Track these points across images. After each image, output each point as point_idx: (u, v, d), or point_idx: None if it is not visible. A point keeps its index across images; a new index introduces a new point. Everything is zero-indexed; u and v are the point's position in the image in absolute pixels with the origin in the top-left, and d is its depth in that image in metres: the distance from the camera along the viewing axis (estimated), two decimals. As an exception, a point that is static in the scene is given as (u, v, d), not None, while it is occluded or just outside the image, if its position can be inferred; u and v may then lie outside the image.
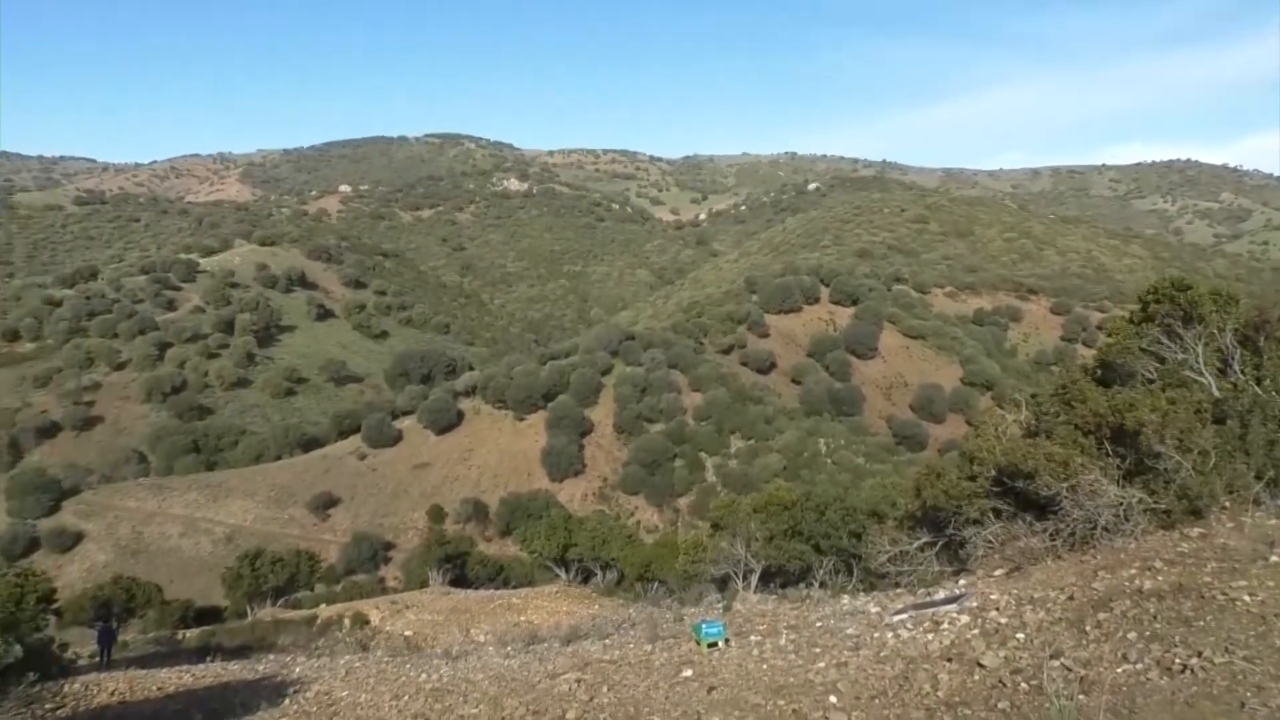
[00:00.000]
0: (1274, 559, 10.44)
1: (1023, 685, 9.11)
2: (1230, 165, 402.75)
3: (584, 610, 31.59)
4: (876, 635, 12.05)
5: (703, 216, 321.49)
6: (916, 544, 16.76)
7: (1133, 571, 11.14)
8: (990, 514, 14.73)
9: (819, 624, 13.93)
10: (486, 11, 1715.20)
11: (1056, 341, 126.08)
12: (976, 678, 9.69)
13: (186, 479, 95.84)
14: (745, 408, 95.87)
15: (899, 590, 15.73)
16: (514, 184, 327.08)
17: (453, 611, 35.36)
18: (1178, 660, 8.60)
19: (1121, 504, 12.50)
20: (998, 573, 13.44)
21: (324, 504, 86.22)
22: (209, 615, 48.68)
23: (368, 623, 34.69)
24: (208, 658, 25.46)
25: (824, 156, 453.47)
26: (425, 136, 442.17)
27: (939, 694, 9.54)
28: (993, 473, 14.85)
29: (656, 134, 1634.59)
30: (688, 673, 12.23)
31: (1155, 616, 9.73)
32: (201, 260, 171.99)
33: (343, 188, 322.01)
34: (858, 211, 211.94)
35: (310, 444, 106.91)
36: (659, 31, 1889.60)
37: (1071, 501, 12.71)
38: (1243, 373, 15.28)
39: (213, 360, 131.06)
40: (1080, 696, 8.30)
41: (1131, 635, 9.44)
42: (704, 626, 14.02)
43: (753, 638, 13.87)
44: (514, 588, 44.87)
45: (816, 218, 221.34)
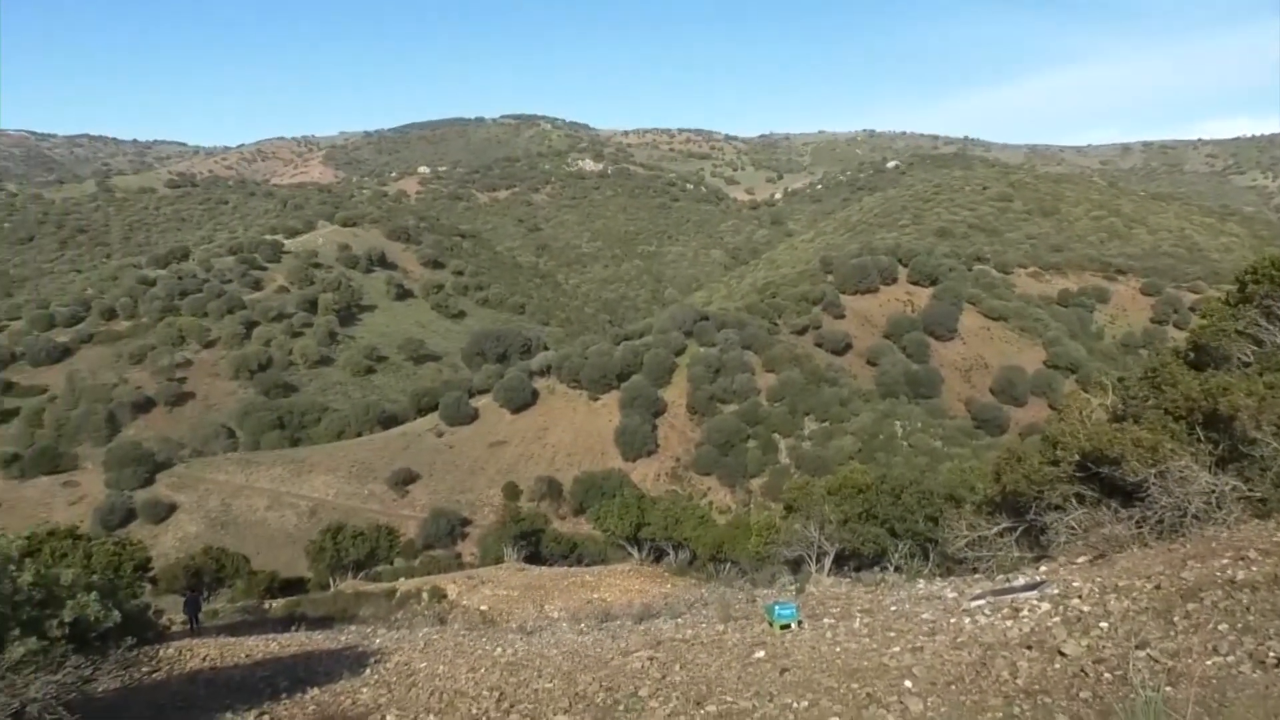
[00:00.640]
0: (1379, 551, 9.97)
1: (1106, 675, 8.87)
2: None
3: (656, 589, 31.76)
4: (953, 621, 11.85)
5: (778, 196, 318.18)
6: (995, 529, 16.43)
7: (1225, 561, 10.74)
8: (1073, 500, 14.35)
9: (894, 608, 13.76)
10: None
11: (1146, 323, 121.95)
12: (1057, 666, 9.47)
13: (272, 454, 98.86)
14: (820, 389, 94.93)
15: (977, 576, 15.45)
16: (589, 164, 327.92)
17: (527, 588, 35.86)
18: (1272, 654, 8.28)
19: (1214, 491, 12.06)
20: (1080, 560, 13.09)
21: (403, 480, 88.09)
22: (293, 586, 50.15)
23: (445, 597, 35.37)
24: (293, 627, 26.27)
25: (903, 134, 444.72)
26: (502, 118, 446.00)
27: (1018, 681, 9.35)
28: (1076, 458, 14.45)
29: (732, 113, 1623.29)
30: (760, 654, 12.20)
31: (1249, 608, 9.37)
32: (286, 241, 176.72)
33: (421, 169, 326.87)
34: (938, 190, 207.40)
35: (390, 421, 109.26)
36: (736, 8, 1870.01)
37: (1160, 488, 12.30)
38: (1347, 356, 14.58)
39: (297, 339, 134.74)
40: (1167, 688, 8.05)
41: (1223, 627, 9.11)
42: (777, 608, 13.95)
43: (826, 620, 13.77)
44: (587, 565, 45.30)
45: (895, 196, 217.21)
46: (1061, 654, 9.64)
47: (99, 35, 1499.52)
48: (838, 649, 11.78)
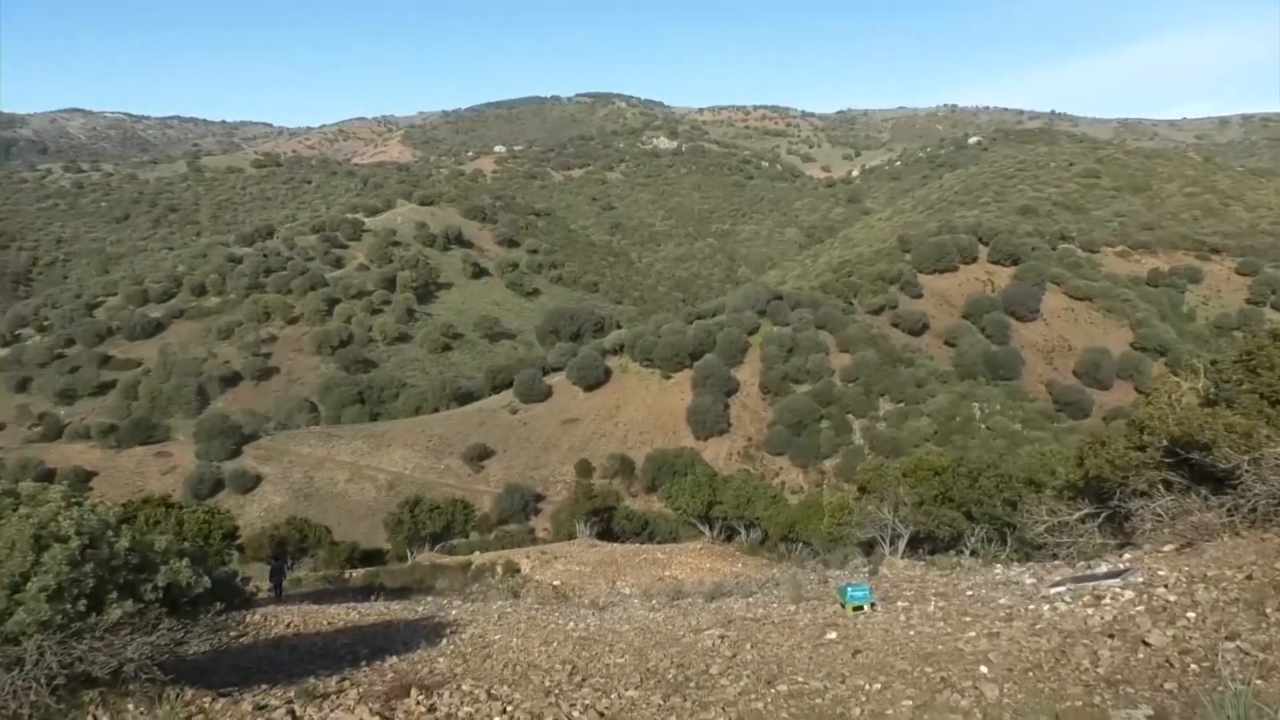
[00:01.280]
0: None
1: (1193, 667, 8.61)
2: None
3: (727, 568, 31.77)
4: (1031, 607, 11.62)
5: (855, 173, 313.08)
6: (1077, 515, 16.03)
7: (1322, 553, 10.32)
8: (1160, 486, 13.91)
9: (969, 593, 13.55)
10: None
11: (1241, 305, 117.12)
12: (1141, 656, 9.22)
13: (352, 428, 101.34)
14: (895, 370, 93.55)
15: (1056, 562, 15.11)
16: (663, 142, 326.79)
17: (599, 564, 36.17)
18: (1372, 650, 7.94)
19: (1312, 480, 11.56)
20: (1167, 548, 12.70)
21: (478, 455, 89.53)
22: (372, 557, 51.42)
23: (518, 571, 35.87)
24: (372, 597, 26.95)
25: (986, 108, 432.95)
26: (577, 96, 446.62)
27: (1099, 670, 9.13)
28: (1165, 443, 13.99)
29: (809, 89, 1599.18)
30: (832, 635, 12.14)
31: (1347, 602, 9.00)
32: (366, 220, 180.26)
33: (498, 148, 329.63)
34: (1022, 166, 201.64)
35: (465, 397, 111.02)
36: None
37: (1254, 475, 11.84)
38: None
39: (376, 316, 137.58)
40: (1258, 681, 7.78)
41: (1319, 621, 8.76)
42: (849, 589, 13.86)
43: (899, 603, 13.63)
44: (658, 543, 45.52)
45: (976, 173, 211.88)
46: (1145, 644, 9.39)
47: (191, 18, 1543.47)
48: (911, 632, 11.66)
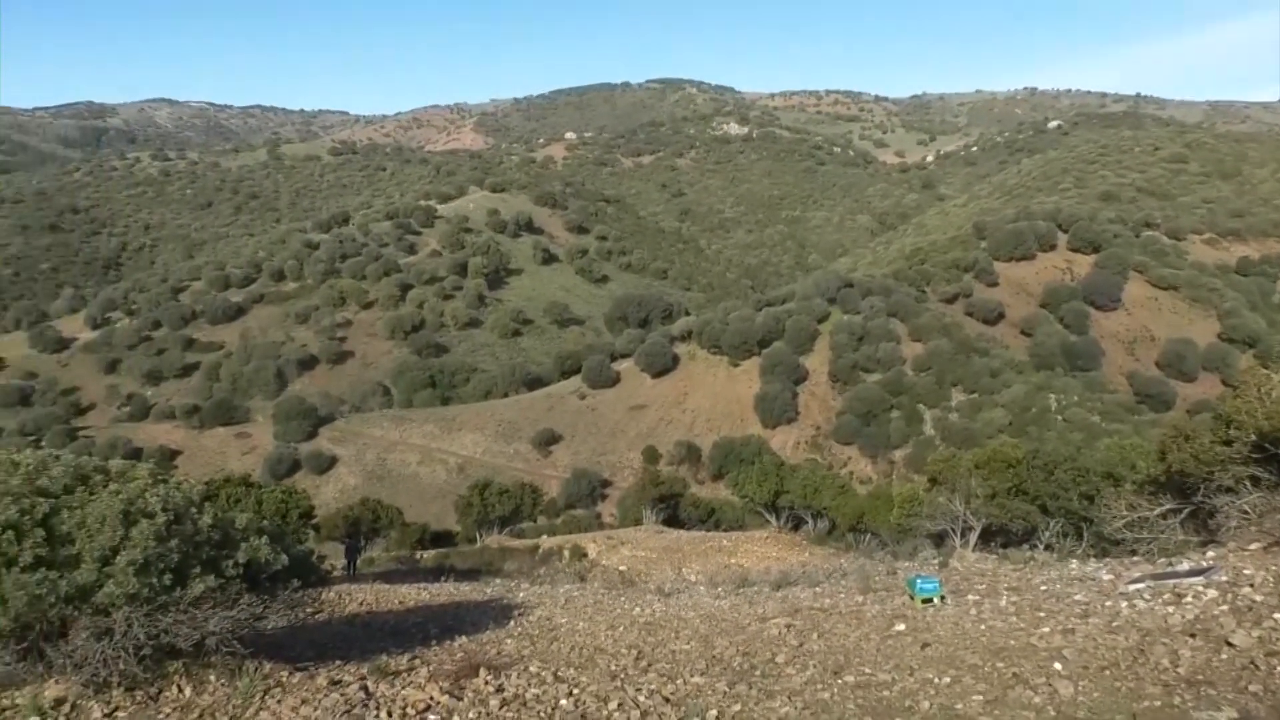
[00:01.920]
0: None
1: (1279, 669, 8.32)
2: None
3: (794, 557, 31.59)
4: (1109, 604, 11.35)
5: (930, 158, 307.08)
6: (1158, 511, 15.57)
7: None
8: (1247, 482, 13.43)
9: (1044, 588, 13.28)
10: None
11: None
12: (1224, 657, 8.94)
13: (424, 412, 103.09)
14: (969, 359, 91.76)
15: (1135, 559, 14.71)
16: (734, 128, 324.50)
17: (665, 550, 36.27)
18: None
19: None
20: (1253, 546, 12.27)
21: (546, 440, 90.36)
22: (443, 539, 52.31)
23: (585, 555, 36.18)
24: (442, 577, 27.44)
25: (1068, 91, 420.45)
26: (647, 82, 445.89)
27: (1179, 670, 8.88)
28: (1253, 437, 13.49)
29: (883, 73, 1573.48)
30: (900, 627, 12.00)
31: None
32: (439, 206, 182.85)
33: (568, 135, 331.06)
34: (1104, 151, 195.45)
35: (534, 383, 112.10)
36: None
37: (1348, 473, 11.36)
38: None
39: (448, 301, 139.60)
40: (1349, 688, 7.49)
41: None
42: (919, 581, 13.69)
43: (970, 597, 13.41)
44: (724, 530, 45.44)
45: (1056, 158, 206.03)
46: (1229, 644, 9.10)
47: (272, 10, 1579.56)
48: (982, 626, 11.48)
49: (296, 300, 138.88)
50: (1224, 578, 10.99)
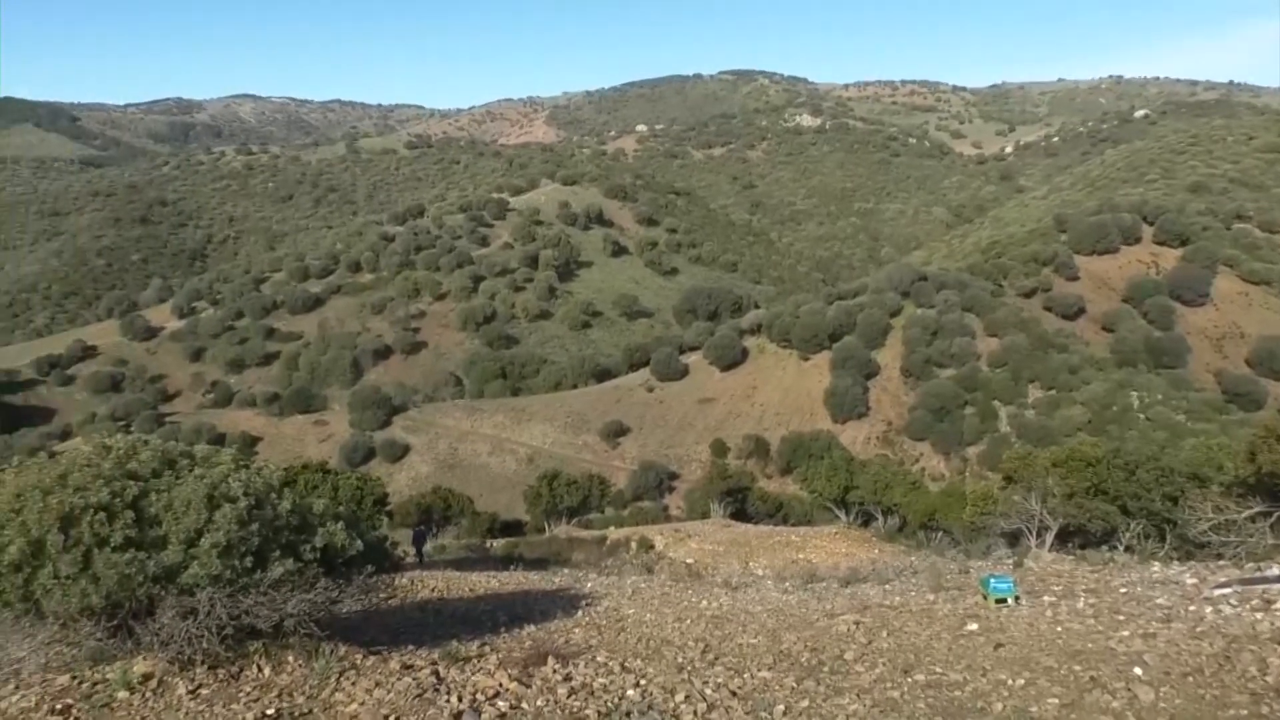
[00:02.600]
0: None
1: (1375, 682, 7.97)
2: None
3: (863, 553, 31.24)
4: (1192, 609, 11.00)
5: (1008, 149, 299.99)
6: (1246, 513, 15.04)
7: None
8: (1344, 486, 12.88)
9: (1123, 590, 12.93)
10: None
11: None
12: (1315, 667, 8.60)
13: (495, 402, 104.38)
14: (1047, 355, 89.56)
15: (1221, 563, 14.23)
16: (806, 119, 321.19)
17: (732, 543, 36.17)
18: None
19: None
20: (1349, 553, 11.77)
21: (614, 432, 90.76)
22: (512, 528, 53.05)
23: (652, 547, 36.28)
24: (511, 566, 27.84)
25: (1155, 79, 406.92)
26: (720, 74, 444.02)
27: (1267, 679, 8.57)
28: (1350, 440, 12.93)
29: (961, 63, 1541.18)
30: (973, 626, 11.80)
31: None
32: (511, 199, 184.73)
33: (639, 127, 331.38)
34: (1194, 141, 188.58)
35: (603, 375, 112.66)
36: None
37: None
38: None
39: (519, 293, 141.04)
40: None
41: None
42: (992, 581, 13.44)
43: (1046, 598, 13.13)
44: (792, 525, 45.16)
45: (1142, 149, 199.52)
46: (1321, 654, 8.75)
47: (352, 6, 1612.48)
48: (1059, 628, 11.22)
49: (372, 291, 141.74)
50: (1317, 585, 10.58)
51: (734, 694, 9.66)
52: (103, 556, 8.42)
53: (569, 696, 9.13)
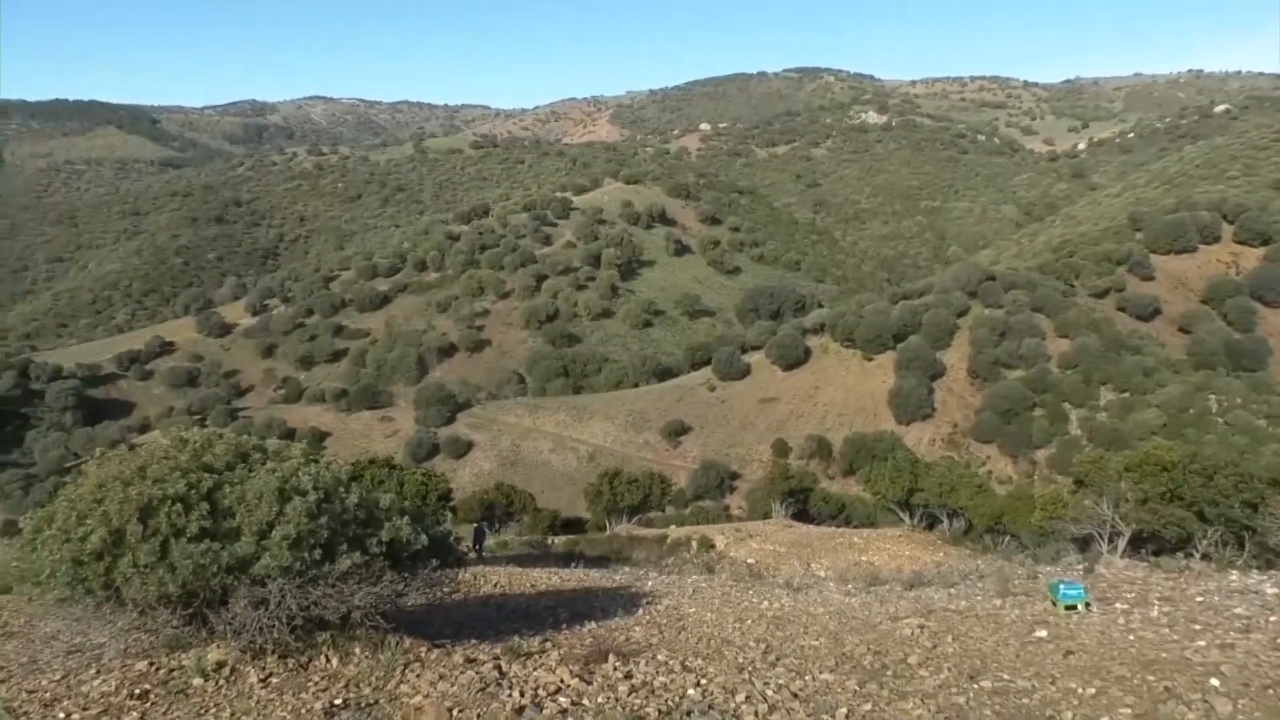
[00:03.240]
0: None
1: None
2: None
3: (927, 556, 30.78)
4: (1273, 619, 10.63)
5: (1081, 146, 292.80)
6: (1332, 523, 14.46)
7: None
8: None
9: (1200, 599, 12.54)
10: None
11: None
12: (1406, 684, 8.25)
13: (557, 400, 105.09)
14: (1120, 357, 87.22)
15: (1305, 573, 13.71)
16: (872, 117, 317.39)
17: (794, 544, 35.90)
18: None
19: None
20: None
21: (676, 431, 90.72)
22: (573, 525, 53.28)
23: (713, 547, 36.15)
24: (572, 563, 27.99)
25: (1238, 73, 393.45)
26: (784, 71, 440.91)
27: (1353, 696, 8.25)
28: None
29: (1033, 57, 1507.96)
30: (1041, 633, 11.56)
31: None
32: (574, 198, 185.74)
33: (703, 126, 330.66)
34: (1278, 136, 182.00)
35: (665, 373, 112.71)
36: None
37: None
38: None
39: (581, 292, 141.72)
40: None
41: None
42: (1062, 587, 13.15)
43: (1118, 605, 12.80)
44: (855, 527, 44.66)
45: (1223, 145, 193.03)
46: None
47: (420, 7, 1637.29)
48: (1131, 637, 10.93)
49: (438, 290, 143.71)
50: None
51: (795, 696, 9.59)
52: (179, 546, 8.68)
53: (630, 694, 9.16)
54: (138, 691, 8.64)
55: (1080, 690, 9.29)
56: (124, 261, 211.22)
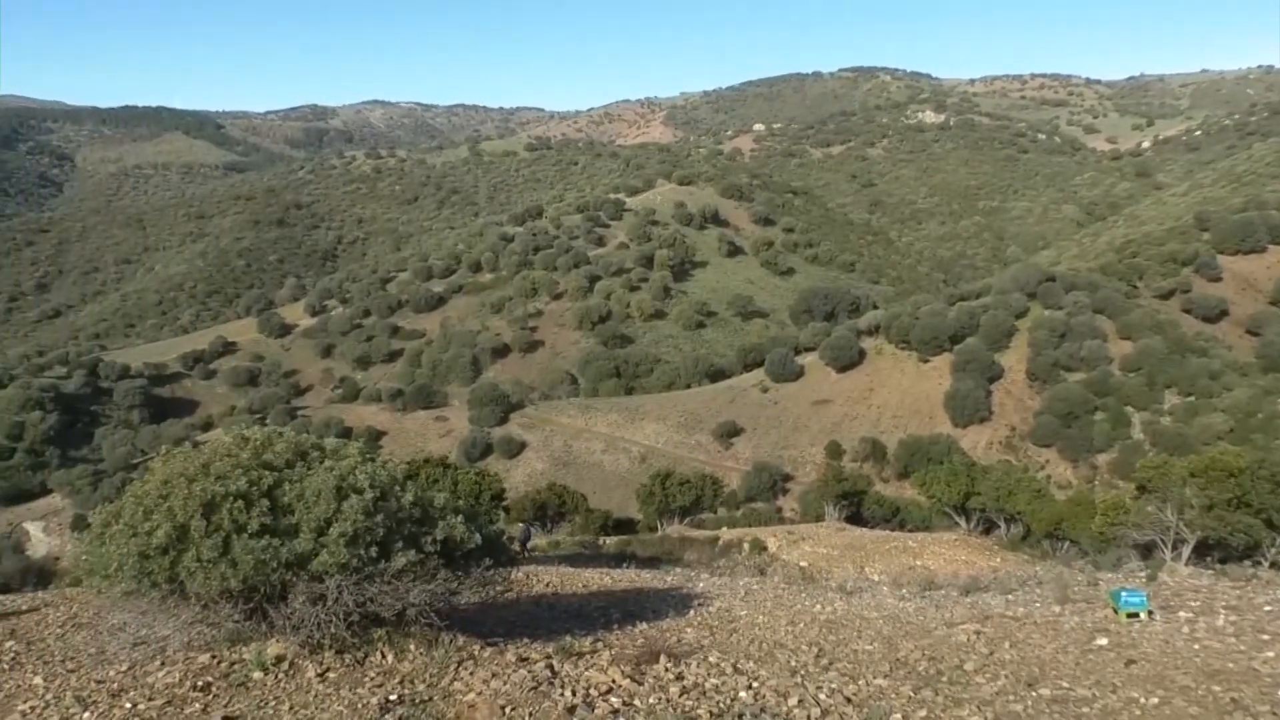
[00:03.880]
0: None
1: None
2: None
3: (984, 562, 30.31)
4: (1347, 632, 10.29)
5: (1146, 144, 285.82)
6: None
7: None
8: None
9: (1268, 608, 12.19)
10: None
11: None
12: None
13: (609, 401, 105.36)
14: (1185, 359, 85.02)
15: (1381, 584, 13.26)
16: (929, 116, 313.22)
17: (847, 548, 35.59)
18: None
19: None
20: None
21: (728, 432, 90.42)
22: (625, 526, 53.38)
23: (765, 549, 35.98)
24: (624, 564, 28.03)
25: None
26: (839, 71, 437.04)
27: None
28: None
29: (1096, 54, 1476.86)
30: (1102, 641, 11.32)
31: None
32: (627, 199, 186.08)
33: (756, 126, 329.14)
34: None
35: (717, 375, 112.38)
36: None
37: None
38: None
39: (634, 293, 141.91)
40: None
41: None
42: (1124, 595, 12.87)
43: (1182, 614, 12.49)
44: (909, 531, 44.12)
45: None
46: None
47: (477, 13, 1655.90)
48: (1196, 646, 10.67)
49: (492, 291, 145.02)
50: None
51: (849, 700, 9.52)
52: (240, 542, 8.89)
53: (681, 695, 9.16)
54: (200, 683, 8.86)
55: (1143, 700, 9.09)
56: (189, 263, 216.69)
